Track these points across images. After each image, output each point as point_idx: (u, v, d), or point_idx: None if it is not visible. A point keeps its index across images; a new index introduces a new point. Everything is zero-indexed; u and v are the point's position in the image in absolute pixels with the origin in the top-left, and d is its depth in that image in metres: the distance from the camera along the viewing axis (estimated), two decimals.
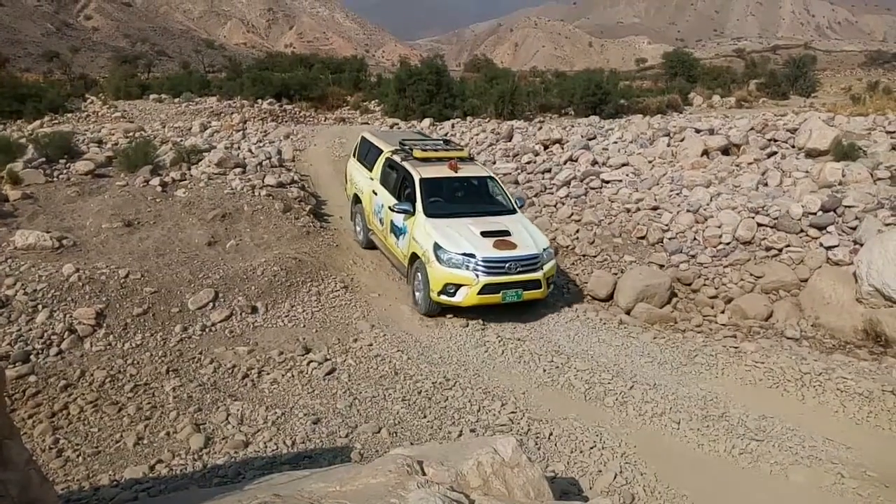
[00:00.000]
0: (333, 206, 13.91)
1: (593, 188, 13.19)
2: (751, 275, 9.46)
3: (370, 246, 11.17)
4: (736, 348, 7.76)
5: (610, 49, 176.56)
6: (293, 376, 7.35)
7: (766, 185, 11.71)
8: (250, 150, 15.93)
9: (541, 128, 19.63)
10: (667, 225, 10.92)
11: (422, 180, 9.61)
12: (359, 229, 11.63)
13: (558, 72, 55.60)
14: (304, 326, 8.71)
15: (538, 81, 38.41)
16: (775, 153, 13.48)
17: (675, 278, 9.75)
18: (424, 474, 3.76)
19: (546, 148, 16.51)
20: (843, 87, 43.15)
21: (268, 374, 7.39)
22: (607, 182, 13.26)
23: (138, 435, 6.15)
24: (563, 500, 4.27)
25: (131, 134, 17.28)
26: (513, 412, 6.55)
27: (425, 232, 9.04)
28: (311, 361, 7.64)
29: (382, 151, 10.90)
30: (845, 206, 10.07)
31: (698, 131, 15.22)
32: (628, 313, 9.25)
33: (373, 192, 10.84)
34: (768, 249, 9.84)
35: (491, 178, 10.45)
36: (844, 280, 8.72)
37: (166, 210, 11.25)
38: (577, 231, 11.56)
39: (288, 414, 6.54)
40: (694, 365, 7.42)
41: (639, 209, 11.66)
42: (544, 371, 7.37)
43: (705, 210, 10.93)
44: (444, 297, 8.72)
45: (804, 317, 8.65)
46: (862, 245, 8.95)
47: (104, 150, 14.45)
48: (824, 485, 5.22)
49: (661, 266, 10.09)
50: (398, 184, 10.10)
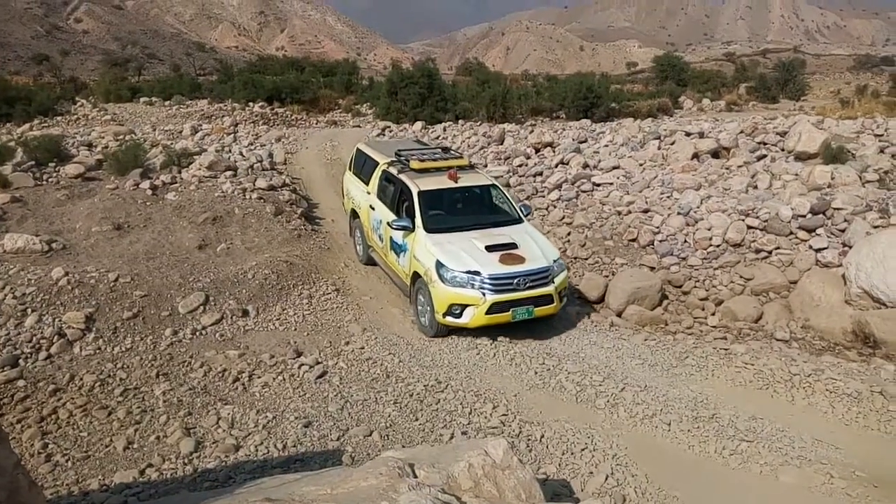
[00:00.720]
0: (325, 208, 13.89)
1: (584, 191, 13.23)
2: (741, 277, 9.51)
3: (371, 262, 10.72)
4: (726, 350, 7.79)
5: (601, 53, 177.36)
6: (284, 380, 7.33)
7: (755, 187, 11.78)
8: (241, 153, 15.88)
9: (532, 131, 19.64)
10: (657, 227, 10.97)
11: (420, 193, 9.11)
12: (359, 245, 11.17)
13: (550, 75, 55.80)
14: (296, 330, 8.69)
15: (530, 85, 38.48)
16: (765, 156, 13.56)
17: (666, 280, 9.79)
18: (415, 476, 3.75)
19: (537, 151, 16.53)
20: (832, 91, 43.45)
21: (259, 377, 7.37)
22: (598, 185, 13.31)
23: (128, 439, 6.11)
24: (554, 501, 4.27)
25: (121, 137, 17.18)
26: (504, 414, 6.55)
27: (426, 249, 8.57)
28: (303, 365, 7.62)
29: (378, 164, 10.42)
30: (834, 209, 10.14)
31: (688, 134, 15.29)
32: (619, 315, 9.28)
33: (370, 207, 10.33)
34: (758, 252, 9.90)
35: (493, 185, 9.95)
36: (833, 282, 8.78)
37: (156, 213, 11.20)
38: (569, 234, 11.60)
39: (279, 417, 6.51)
40: (685, 367, 7.44)
41: (630, 212, 11.71)
42: (535, 373, 7.38)
43: (695, 213, 10.98)
44: (449, 319, 8.25)
45: (794, 319, 8.71)
46: (851, 247, 9.02)
47: (94, 154, 14.38)
48: (814, 485, 5.25)
49: (652, 268, 10.13)
50: (396, 198, 9.60)
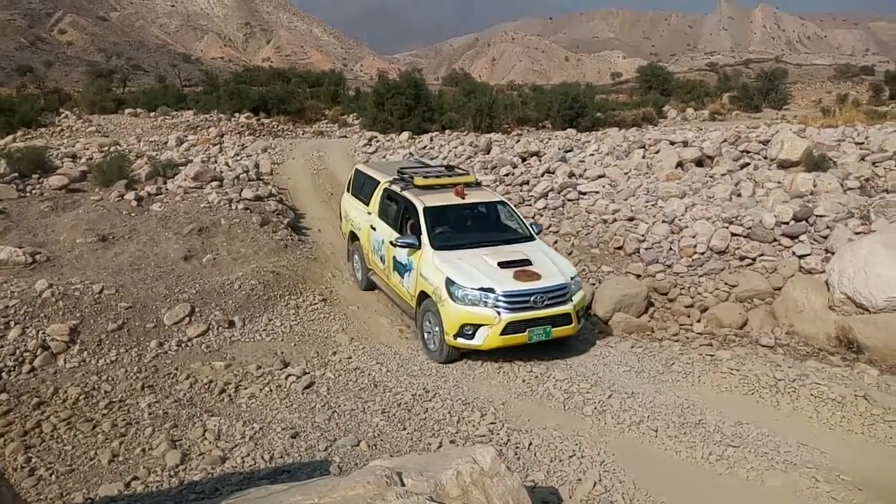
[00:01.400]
0: (312, 219, 13.88)
1: (570, 200, 13.30)
2: (725, 284, 9.58)
3: (371, 287, 10.22)
4: (712, 356, 7.85)
5: (586, 63, 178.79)
6: (271, 390, 7.30)
7: (739, 195, 11.90)
8: (227, 164, 15.85)
9: (518, 140, 19.76)
10: (643, 235, 11.04)
11: (426, 209, 8.67)
12: (357, 270, 10.65)
13: (535, 85, 56.12)
14: (283, 340, 8.66)
15: (516, 95, 38.71)
16: (748, 164, 13.71)
17: (652, 288, 9.85)
18: (403, 485, 3.75)
19: (524, 160, 16.62)
20: (814, 100, 44.05)
21: (245, 388, 7.33)
22: (584, 193, 13.38)
23: (113, 452, 6.05)
24: None
25: (106, 148, 17.12)
26: (492, 423, 6.55)
27: (434, 266, 8.07)
28: (290, 375, 7.59)
29: (379, 182, 10.00)
30: (817, 216, 10.26)
31: (673, 143, 15.43)
32: (606, 323, 9.31)
33: (371, 227, 9.88)
34: (742, 259, 9.98)
35: (502, 202, 9.59)
36: (817, 288, 8.87)
37: (141, 224, 11.14)
38: (555, 242, 11.64)
39: (266, 428, 6.48)
40: (671, 373, 7.49)
41: (615, 220, 11.78)
42: (523, 381, 7.39)
43: (680, 220, 11.06)
44: (461, 341, 7.67)
45: (778, 324, 8.78)
46: (833, 253, 9.11)
47: (78, 165, 14.31)
48: (799, 489, 5.29)
49: (638, 276, 10.19)
50: (399, 216, 9.20)
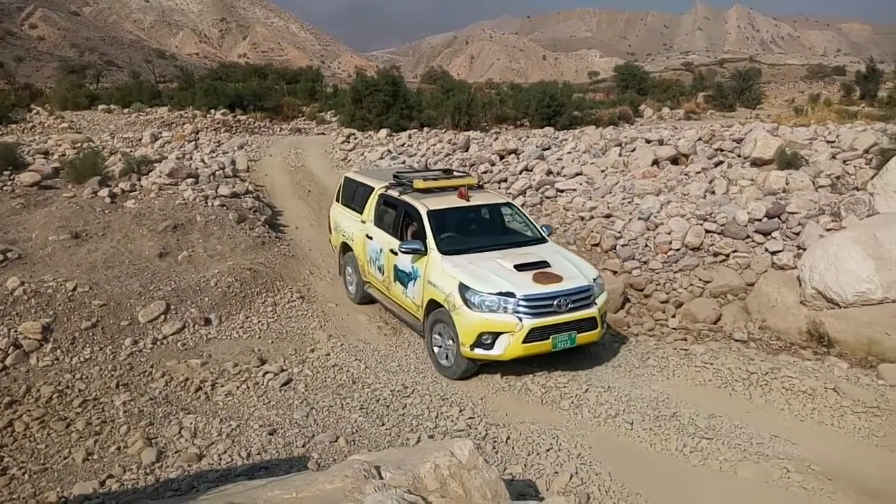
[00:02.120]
0: (289, 216, 13.80)
1: (548, 197, 13.40)
2: (700, 280, 9.71)
3: (367, 301, 9.65)
4: (686, 351, 7.96)
5: (563, 62, 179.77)
6: (248, 388, 7.26)
7: (713, 193, 12.07)
8: (203, 161, 15.72)
9: (497, 138, 19.85)
10: (619, 232, 11.15)
11: (430, 213, 8.13)
12: (350, 283, 10.00)
13: (513, 84, 56.27)
14: (260, 337, 8.61)
15: (494, 93, 38.81)
16: (722, 162, 13.92)
17: (628, 284, 9.95)
18: (382, 479, 3.77)
19: (502, 158, 16.71)
20: (787, 100, 44.78)
21: (222, 386, 7.28)
22: (562, 191, 13.50)
23: (87, 450, 5.98)
24: (519, 500, 4.32)
25: (79, 145, 16.85)
26: (471, 417, 6.59)
27: (444, 272, 7.50)
28: (267, 373, 7.55)
29: (374, 189, 9.42)
30: (789, 213, 10.44)
31: (648, 142, 15.62)
32: None
33: (366, 236, 9.29)
34: (716, 255, 10.13)
35: (509, 204, 9.17)
36: (789, 284, 9.02)
37: (116, 221, 11.00)
38: None
39: (243, 426, 6.44)
40: (646, 367, 7.58)
41: (592, 217, 11.89)
42: (501, 376, 7.42)
43: (656, 217, 11.19)
44: (478, 352, 7.08)
45: (751, 319, 8.92)
46: (805, 250, 9.28)
47: (51, 162, 14.08)
48: (771, 479, 5.39)
49: (615, 272, 10.28)
50: (399, 222, 8.64)
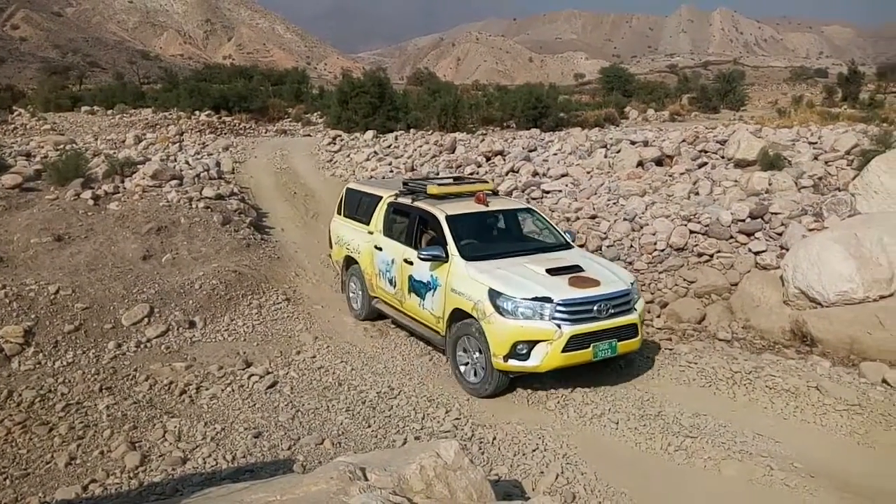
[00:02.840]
0: (275, 218, 13.74)
1: (534, 198, 13.43)
2: (684, 280, 9.78)
3: (373, 317, 9.21)
4: (671, 350, 8.01)
5: (549, 64, 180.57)
6: (233, 391, 7.21)
7: (697, 193, 12.17)
8: (187, 162, 15.61)
9: (483, 140, 19.88)
10: (605, 233, 11.21)
11: (448, 218, 7.70)
12: (355, 299, 9.50)
13: (500, 86, 56.49)
14: (245, 340, 8.56)
15: (480, 95, 38.93)
16: (706, 164, 14.04)
17: None
18: (367, 480, 3.75)
19: (488, 159, 16.74)
20: (770, 101, 45.22)
21: (207, 389, 7.22)
22: (548, 192, 13.54)
23: (70, 455, 5.91)
24: (505, 500, 4.32)
25: (62, 146, 16.69)
26: (457, 419, 6.58)
27: (470, 278, 7.04)
28: (252, 375, 7.50)
29: (381, 198, 8.99)
30: (772, 213, 10.54)
31: (633, 143, 15.72)
32: None
33: (375, 248, 8.80)
34: (700, 255, 10.20)
35: (530, 209, 8.83)
36: (772, 283, 9.10)
37: (99, 224, 10.90)
38: None
39: (228, 429, 6.40)
40: (631, 367, 7.61)
41: (578, 218, 11.93)
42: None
43: (641, 218, 11.26)
44: (513, 363, 6.60)
45: (735, 319, 8.99)
46: (788, 250, 9.37)
47: (33, 164, 13.92)
48: (755, 477, 5.43)
49: None
50: (413, 230, 8.19)
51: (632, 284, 7.24)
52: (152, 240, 10.60)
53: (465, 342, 7.16)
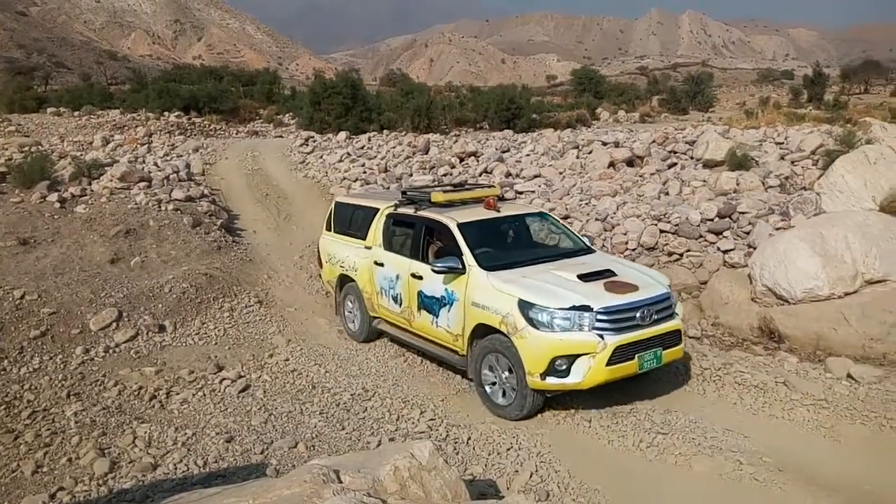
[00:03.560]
0: (246, 220, 13.62)
1: (507, 199, 13.48)
2: None
3: (373, 338, 8.57)
4: None
5: (522, 66, 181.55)
6: (205, 395, 7.12)
7: (667, 193, 12.33)
8: (156, 164, 15.41)
9: (456, 141, 19.93)
10: (577, 233, 11.29)
11: (460, 226, 7.07)
12: (352, 321, 8.80)
13: (473, 87, 56.65)
14: (217, 344, 8.46)
15: (453, 96, 39.05)
16: (675, 164, 14.23)
17: None
18: (341, 482, 3.74)
19: (462, 160, 16.79)
20: (738, 103, 46.03)
21: (177, 394, 7.13)
22: (521, 192, 13.61)
23: (37, 463, 5.80)
24: (480, 500, 4.33)
25: (27, 148, 16.31)
26: (432, 419, 6.57)
27: (495, 290, 6.39)
28: (224, 379, 7.42)
29: (378, 210, 8.34)
30: (740, 213, 10.71)
31: (605, 144, 15.88)
32: None
33: (374, 264, 8.13)
34: (670, 254, 10.34)
35: (544, 214, 8.39)
36: (740, 281, 9.26)
37: (65, 227, 10.70)
38: None
39: (199, 434, 6.32)
40: None
41: None
42: (462, 378, 7.44)
43: (612, 218, 11.37)
44: (551, 381, 6.02)
45: (705, 317, 9.13)
46: (755, 248, 9.53)
47: None
48: (725, 472, 5.51)
49: None
50: (418, 242, 7.55)
51: (669, 287, 6.81)
52: (120, 243, 10.44)
53: (491, 360, 6.51)
